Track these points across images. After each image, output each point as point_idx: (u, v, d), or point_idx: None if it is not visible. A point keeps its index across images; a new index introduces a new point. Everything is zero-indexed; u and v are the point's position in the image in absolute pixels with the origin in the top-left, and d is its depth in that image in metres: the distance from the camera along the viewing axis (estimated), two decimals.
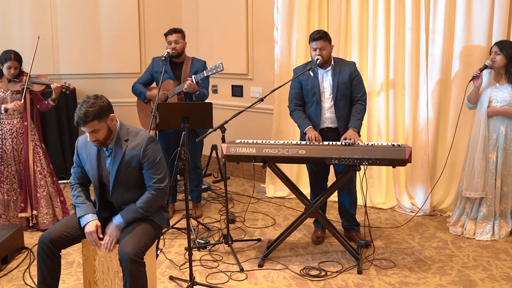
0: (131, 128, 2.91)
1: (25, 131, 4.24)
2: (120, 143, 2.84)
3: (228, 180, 5.89)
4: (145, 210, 2.85)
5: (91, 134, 2.75)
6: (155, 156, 2.86)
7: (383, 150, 3.46)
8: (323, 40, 3.79)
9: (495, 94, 3.98)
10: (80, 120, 2.70)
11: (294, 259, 3.78)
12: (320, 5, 4.99)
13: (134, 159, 2.83)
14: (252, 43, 5.67)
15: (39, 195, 4.31)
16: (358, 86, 3.92)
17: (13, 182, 4.28)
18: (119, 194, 2.90)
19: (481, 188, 4.02)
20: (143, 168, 2.86)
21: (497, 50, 3.94)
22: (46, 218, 4.32)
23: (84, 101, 2.73)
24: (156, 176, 2.86)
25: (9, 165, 4.25)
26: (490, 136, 4.01)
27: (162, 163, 2.90)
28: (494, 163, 4.01)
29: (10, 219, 4.27)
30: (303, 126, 3.87)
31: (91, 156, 2.90)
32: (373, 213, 4.75)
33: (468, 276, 3.47)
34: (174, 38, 4.40)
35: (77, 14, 5.99)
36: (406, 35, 4.54)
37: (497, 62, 3.95)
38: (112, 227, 2.83)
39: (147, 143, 2.84)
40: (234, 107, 5.63)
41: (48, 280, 2.83)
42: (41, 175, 4.32)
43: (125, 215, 2.84)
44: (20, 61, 4.25)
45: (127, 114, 5.62)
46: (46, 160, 4.39)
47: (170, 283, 3.45)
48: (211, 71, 4.19)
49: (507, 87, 3.97)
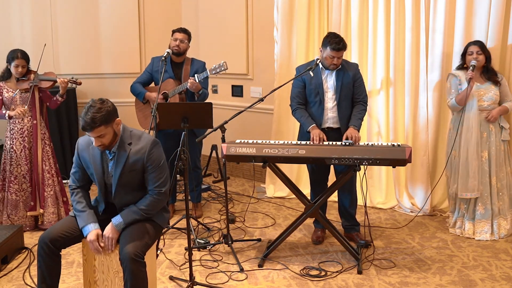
0: (134, 131, 2.90)
1: (34, 130, 4.27)
2: (123, 146, 2.83)
3: (228, 180, 5.89)
4: (146, 212, 2.85)
5: (97, 139, 2.74)
6: (159, 160, 2.86)
7: (383, 150, 3.46)
8: (343, 51, 3.78)
9: (482, 93, 4.02)
10: (87, 126, 2.67)
11: (294, 259, 3.78)
12: (320, 5, 4.99)
13: (139, 163, 2.83)
14: (252, 43, 5.67)
15: (46, 194, 4.33)
16: (360, 88, 3.94)
17: (23, 182, 4.29)
18: (121, 197, 2.89)
19: (476, 188, 4.03)
20: (146, 171, 2.86)
21: (479, 50, 4.00)
22: (52, 217, 4.34)
23: (90, 105, 2.70)
24: (158, 180, 2.86)
25: (19, 165, 4.27)
26: (481, 135, 4.04)
27: (165, 167, 2.91)
28: (487, 161, 4.04)
29: (19, 219, 4.29)
30: (307, 124, 3.87)
31: (95, 159, 2.88)
32: (373, 213, 4.75)
33: (468, 276, 3.47)
34: (181, 36, 4.43)
35: (77, 14, 5.99)
36: (406, 35, 4.54)
37: (480, 61, 4.01)
38: (111, 227, 2.82)
39: (151, 146, 2.84)
40: (234, 107, 5.63)
41: (48, 279, 2.82)
42: (49, 174, 4.35)
43: (126, 216, 2.83)
44: (27, 59, 4.26)
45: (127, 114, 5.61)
46: (54, 159, 4.43)
47: (170, 283, 3.45)
48: (215, 70, 4.20)
49: (489, 85, 4.03)
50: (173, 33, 4.48)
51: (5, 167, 4.29)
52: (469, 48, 4.05)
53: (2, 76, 4.29)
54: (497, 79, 4.04)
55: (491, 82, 4.04)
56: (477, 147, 4.01)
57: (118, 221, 2.82)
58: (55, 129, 5.79)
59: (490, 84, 4.04)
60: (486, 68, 4.06)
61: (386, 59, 4.69)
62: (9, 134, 4.27)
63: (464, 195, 4.07)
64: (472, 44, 4.06)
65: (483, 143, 4.04)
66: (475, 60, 3.99)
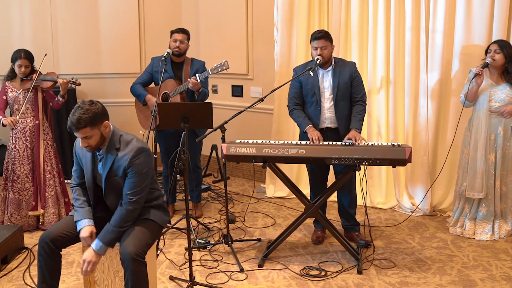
0: (124, 136, 2.85)
1: (37, 130, 4.28)
2: (111, 150, 2.81)
3: (228, 180, 5.89)
4: (120, 227, 2.77)
5: (83, 140, 2.73)
6: (142, 168, 2.78)
7: (383, 150, 3.46)
8: (325, 40, 3.79)
9: (493, 94, 3.98)
10: (73, 126, 2.68)
11: (294, 259, 3.78)
12: (320, 5, 4.99)
13: (121, 168, 2.79)
14: (252, 43, 5.67)
15: (47, 195, 4.34)
16: (359, 87, 3.92)
17: (25, 181, 4.30)
18: (112, 199, 2.89)
19: (482, 189, 4.02)
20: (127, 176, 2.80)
21: (497, 49, 3.93)
22: (52, 218, 4.34)
23: (78, 106, 2.71)
24: (134, 188, 2.76)
25: (22, 164, 4.28)
26: (488, 137, 4.01)
27: (147, 177, 2.81)
28: (493, 164, 4.01)
29: (22, 218, 4.30)
30: (303, 125, 3.87)
31: (86, 158, 2.90)
32: (373, 213, 4.75)
33: (468, 276, 3.47)
34: (180, 37, 4.42)
35: (77, 14, 6.00)
36: (406, 35, 4.54)
37: (497, 61, 3.94)
38: (91, 252, 2.72)
39: (136, 153, 2.77)
40: (234, 107, 5.63)
41: (49, 279, 2.82)
42: (51, 174, 4.36)
43: (103, 238, 2.75)
44: (30, 59, 4.27)
45: (127, 114, 5.63)
46: (56, 160, 4.44)
47: (170, 283, 3.45)
48: (216, 69, 4.20)
49: (505, 87, 3.97)
50: (172, 34, 4.47)
51: (7, 167, 4.31)
52: (490, 46, 4.00)
53: (7, 76, 4.33)
54: None
55: (509, 83, 3.96)
56: (485, 147, 3.99)
57: (98, 245, 2.73)
58: (55, 129, 5.77)
59: (507, 85, 3.97)
60: (506, 68, 3.97)
61: (386, 59, 4.69)
62: (12, 134, 4.29)
63: (471, 195, 4.05)
64: (493, 42, 4.00)
65: (491, 145, 4.00)
66: (490, 58, 3.95)
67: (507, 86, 3.96)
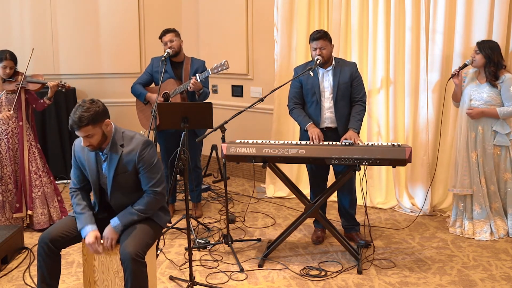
0: (126, 132, 2.88)
1: (20, 131, 4.24)
2: (115, 148, 2.82)
3: (228, 180, 5.89)
4: (143, 212, 2.84)
5: (85, 139, 2.73)
6: (151, 160, 2.84)
7: (383, 150, 3.46)
8: (323, 40, 3.80)
9: (474, 93, 4.06)
10: (74, 125, 2.67)
11: (294, 259, 3.78)
12: (320, 5, 4.99)
13: (130, 164, 2.82)
14: (252, 43, 5.67)
15: (34, 195, 4.30)
16: (359, 87, 3.92)
17: (9, 183, 4.27)
18: (118, 198, 2.89)
19: (468, 185, 4.08)
20: (139, 172, 2.84)
21: (477, 50, 4.02)
22: (41, 218, 4.31)
23: (79, 105, 2.71)
24: (152, 180, 2.84)
25: (5, 165, 4.25)
26: (469, 135, 4.08)
27: (158, 167, 2.88)
28: (476, 162, 4.06)
29: (6, 220, 4.26)
30: (304, 123, 3.87)
31: (89, 160, 2.89)
32: (373, 213, 4.75)
33: (468, 276, 3.47)
34: (168, 38, 4.42)
35: (77, 14, 5.99)
36: (406, 35, 4.54)
37: (476, 61, 4.03)
38: (109, 229, 2.82)
39: (142, 147, 2.81)
40: (234, 107, 5.63)
41: (48, 279, 2.82)
42: (36, 175, 4.32)
43: (123, 217, 2.82)
44: (15, 61, 4.25)
45: (127, 114, 5.63)
46: (42, 160, 4.39)
47: (170, 283, 3.45)
48: (217, 69, 4.20)
49: (486, 86, 4.03)
50: (161, 39, 4.46)
51: None
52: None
53: None
54: (494, 82, 3.98)
55: (489, 83, 4.01)
56: (466, 145, 4.08)
57: (116, 223, 2.82)
58: (55, 129, 5.79)
59: (487, 85, 4.02)
60: (486, 68, 4.03)
61: (386, 59, 4.69)
62: None
63: (456, 191, 4.15)
64: (476, 43, 4.06)
65: (472, 144, 4.08)
66: (470, 59, 4.06)
67: (487, 85, 4.03)
